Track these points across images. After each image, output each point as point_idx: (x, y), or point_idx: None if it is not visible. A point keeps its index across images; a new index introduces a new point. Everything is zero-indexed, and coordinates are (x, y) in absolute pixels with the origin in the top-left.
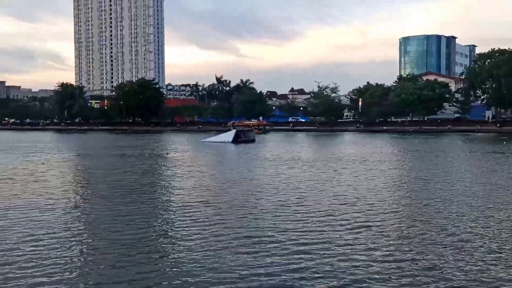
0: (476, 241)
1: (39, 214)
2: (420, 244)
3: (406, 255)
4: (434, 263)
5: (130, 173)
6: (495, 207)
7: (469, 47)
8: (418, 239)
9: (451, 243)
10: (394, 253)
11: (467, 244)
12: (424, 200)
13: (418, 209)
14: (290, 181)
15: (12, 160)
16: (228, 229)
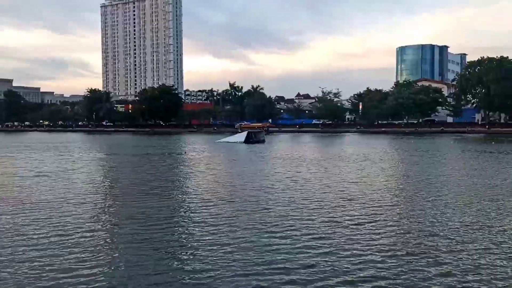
0: (468, 232)
1: (69, 209)
2: (418, 236)
3: (405, 246)
4: (429, 251)
5: (152, 171)
6: (485, 200)
7: (460, 55)
8: (417, 230)
9: (445, 234)
10: (394, 243)
11: (460, 234)
12: (421, 195)
13: (415, 203)
14: (297, 178)
15: (47, 158)
16: (242, 222)
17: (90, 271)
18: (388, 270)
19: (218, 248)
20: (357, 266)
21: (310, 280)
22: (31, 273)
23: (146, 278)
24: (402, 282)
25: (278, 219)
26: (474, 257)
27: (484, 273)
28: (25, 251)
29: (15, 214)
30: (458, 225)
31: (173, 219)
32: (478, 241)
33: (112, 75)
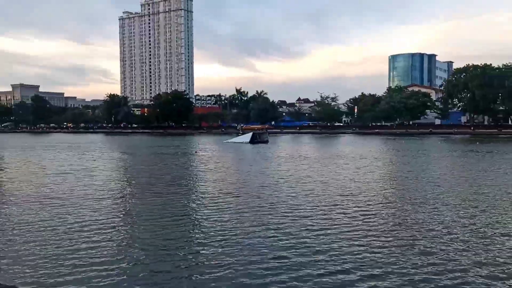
0: (457, 226)
1: (89, 204)
2: (412, 229)
3: (398, 238)
4: (423, 243)
5: (166, 169)
6: (473, 195)
7: (447, 63)
8: (409, 223)
9: (434, 225)
10: (389, 235)
11: (450, 227)
12: (413, 191)
13: (408, 199)
14: (299, 175)
15: (71, 157)
16: (249, 216)
17: (106, 264)
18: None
19: (229, 243)
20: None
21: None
22: (54, 264)
23: (161, 274)
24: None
25: (286, 216)
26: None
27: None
28: (48, 244)
29: (40, 209)
30: (449, 218)
31: (187, 214)
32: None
33: (129, 81)
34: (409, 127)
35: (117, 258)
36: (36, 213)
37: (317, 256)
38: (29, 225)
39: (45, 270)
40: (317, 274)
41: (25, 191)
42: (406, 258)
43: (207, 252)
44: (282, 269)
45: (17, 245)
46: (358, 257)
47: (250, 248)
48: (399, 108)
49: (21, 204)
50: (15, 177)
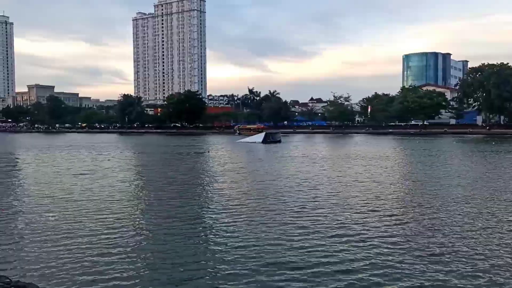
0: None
1: (106, 205)
2: (423, 227)
3: (407, 235)
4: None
5: (179, 167)
6: (485, 195)
7: (462, 62)
8: (417, 220)
9: (447, 225)
10: (398, 232)
11: (458, 224)
12: (427, 189)
13: (421, 197)
14: (312, 174)
15: (87, 157)
16: (264, 214)
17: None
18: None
19: (247, 240)
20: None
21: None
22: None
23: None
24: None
25: (304, 218)
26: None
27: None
28: (65, 243)
29: (58, 210)
30: (462, 215)
31: (204, 217)
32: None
33: (142, 81)
34: (423, 127)
35: (134, 259)
36: (54, 213)
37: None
38: (46, 225)
39: (63, 269)
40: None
41: (44, 192)
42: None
43: (228, 257)
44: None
45: (34, 245)
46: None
47: (272, 256)
48: (413, 107)
49: (39, 205)
50: (33, 177)
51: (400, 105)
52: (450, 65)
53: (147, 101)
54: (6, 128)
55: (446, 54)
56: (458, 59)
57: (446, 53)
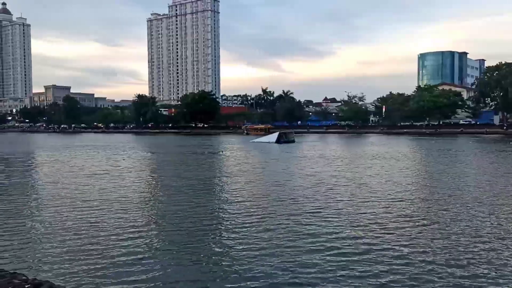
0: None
1: (120, 206)
2: (438, 231)
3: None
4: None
5: (194, 167)
6: (507, 196)
7: (479, 61)
8: (433, 222)
9: (459, 225)
10: (410, 229)
11: (482, 226)
12: (447, 190)
13: (441, 198)
14: (328, 174)
15: (103, 156)
16: (281, 214)
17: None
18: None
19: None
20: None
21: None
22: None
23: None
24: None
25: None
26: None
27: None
28: (81, 242)
29: (75, 210)
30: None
31: (219, 214)
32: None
33: (157, 82)
34: (439, 127)
35: (148, 260)
36: (70, 213)
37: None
38: (63, 224)
39: (78, 267)
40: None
41: (61, 191)
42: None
43: (243, 258)
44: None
45: (50, 243)
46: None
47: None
48: (428, 107)
49: (56, 204)
50: (50, 177)
51: (416, 105)
52: (466, 64)
53: (161, 101)
54: (24, 128)
55: (462, 53)
56: (475, 58)
57: (463, 52)
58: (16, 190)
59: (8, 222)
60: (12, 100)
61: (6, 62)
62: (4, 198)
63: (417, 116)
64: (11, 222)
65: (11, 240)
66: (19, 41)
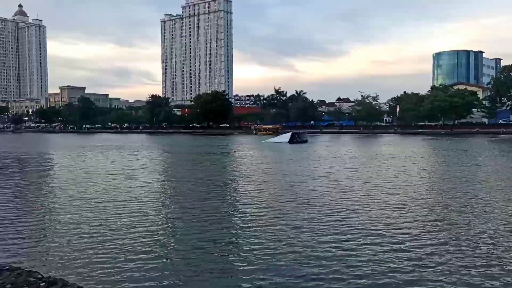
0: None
1: (134, 202)
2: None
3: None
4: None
5: (208, 168)
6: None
7: (495, 60)
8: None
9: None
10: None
11: (503, 230)
12: (466, 192)
13: (459, 200)
14: (341, 175)
15: (118, 156)
16: (296, 216)
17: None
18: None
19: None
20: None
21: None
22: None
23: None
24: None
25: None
26: None
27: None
28: (97, 242)
29: (92, 210)
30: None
31: (233, 215)
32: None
33: (170, 82)
34: (454, 127)
35: (161, 259)
36: (87, 213)
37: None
38: (77, 223)
39: (92, 265)
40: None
41: (76, 191)
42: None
43: (256, 260)
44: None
45: (65, 242)
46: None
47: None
48: (443, 107)
49: (71, 204)
50: (66, 176)
51: (430, 105)
52: (482, 63)
53: (174, 101)
54: (40, 129)
55: (478, 52)
56: (491, 57)
57: (478, 51)
58: (32, 190)
59: (24, 221)
60: (28, 100)
61: (22, 64)
62: (20, 198)
63: (431, 116)
64: (27, 221)
65: (27, 238)
66: (35, 43)
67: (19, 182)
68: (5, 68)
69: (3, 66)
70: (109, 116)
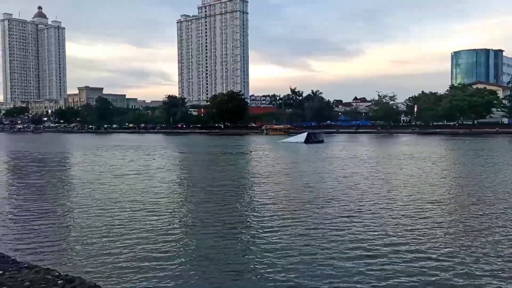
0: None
1: (151, 202)
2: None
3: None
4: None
5: (225, 168)
6: None
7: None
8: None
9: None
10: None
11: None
12: (488, 195)
13: (482, 203)
14: (359, 176)
15: (135, 156)
16: (316, 218)
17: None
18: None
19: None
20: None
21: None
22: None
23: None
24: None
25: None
26: None
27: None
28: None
29: (110, 210)
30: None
31: (251, 216)
32: None
33: (186, 82)
34: (473, 127)
35: (176, 260)
36: (104, 212)
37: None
38: (94, 222)
39: (109, 264)
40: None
41: (93, 190)
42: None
43: (274, 262)
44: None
45: (82, 241)
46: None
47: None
48: (462, 106)
49: (88, 204)
50: (84, 176)
51: (449, 104)
52: (502, 62)
53: (191, 101)
54: (59, 129)
55: (498, 50)
56: (511, 55)
57: (498, 50)
58: (51, 189)
59: (42, 220)
60: (47, 101)
61: (42, 65)
62: (39, 197)
63: (450, 115)
64: (46, 220)
65: (45, 237)
66: (54, 44)
67: (38, 182)
68: (25, 70)
69: (23, 68)
70: (126, 117)
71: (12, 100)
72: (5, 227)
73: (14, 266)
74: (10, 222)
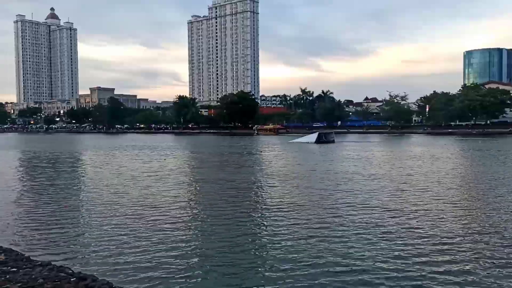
0: None
1: (163, 202)
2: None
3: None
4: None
5: (235, 167)
6: None
7: None
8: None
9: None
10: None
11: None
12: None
13: (497, 205)
14: (372, 177)
15: (147, 156)
16: (321, 216)
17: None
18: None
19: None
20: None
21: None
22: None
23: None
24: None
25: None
26: None
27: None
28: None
29: (121, 209)
30: None
31: (262, 217)
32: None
33: (197, 83)
34: (486, 127)
35: (187, 259)
36: (117, 211)
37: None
38: (107, 222)
39: (122, 263)
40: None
41: (108, 190)
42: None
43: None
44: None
45: (94, 239)
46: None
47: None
48: (474, 106)
49: (101, 203)
50: (96, 176)
51: (461, 104)
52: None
53: (201, 102)
54: (71, 129)
55: (511, 49)
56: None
57: (511, 49)
58: (64, 188)
59: (56, 219)
60: (60, 101)
61: (54, 66)
62: (52, 196)
63: (462, 115)
64: (59, 219)
65: (58, 235)
66: (66, 45)
67: (52, 181)
68: (37, 70)
69: (36, 68)
70: (137, 117)
71: (25, 100)
72: (20, 226)
73: (28, 264)
74: (24, 221)
